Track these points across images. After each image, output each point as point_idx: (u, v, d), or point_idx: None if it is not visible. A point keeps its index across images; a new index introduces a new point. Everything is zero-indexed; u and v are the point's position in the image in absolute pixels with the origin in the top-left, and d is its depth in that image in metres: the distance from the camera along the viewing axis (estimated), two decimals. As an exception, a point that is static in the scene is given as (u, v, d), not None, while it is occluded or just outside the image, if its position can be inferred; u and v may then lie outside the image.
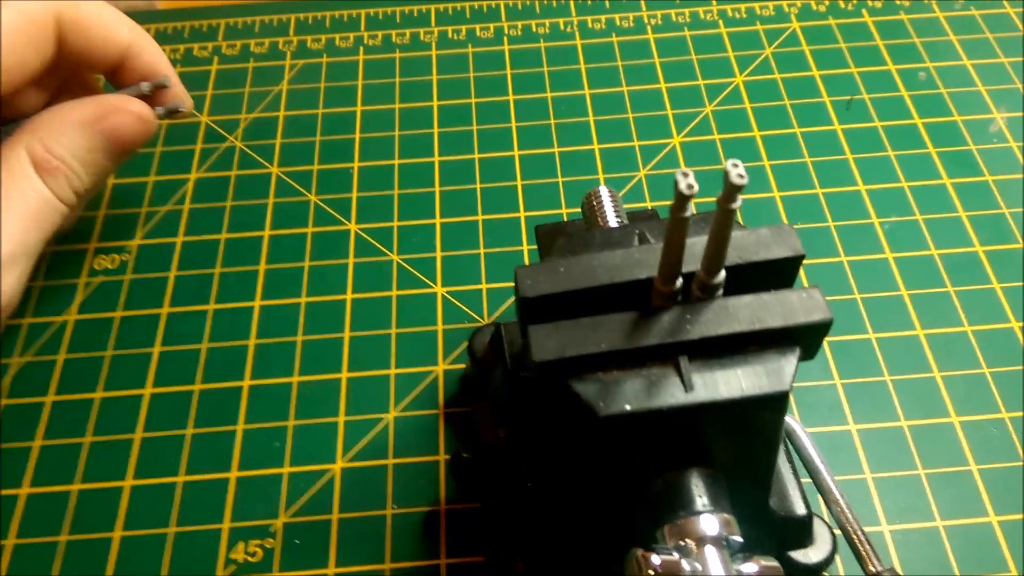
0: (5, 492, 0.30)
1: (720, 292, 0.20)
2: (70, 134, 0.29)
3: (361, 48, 0.45)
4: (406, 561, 0.29)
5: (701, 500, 0.21)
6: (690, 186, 0.17)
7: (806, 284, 0.34)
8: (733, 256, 0.21)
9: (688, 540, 0.20)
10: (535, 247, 0.36)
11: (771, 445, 0.22)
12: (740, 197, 0.18)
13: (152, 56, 0.33)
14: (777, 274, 0.21)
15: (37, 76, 0.31)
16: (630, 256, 0.21)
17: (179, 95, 0.34)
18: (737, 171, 0.17)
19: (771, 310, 0.20)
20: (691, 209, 0.18)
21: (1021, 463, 0.30)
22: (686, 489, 0.21)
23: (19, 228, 0.28)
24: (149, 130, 0.32)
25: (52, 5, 0.30)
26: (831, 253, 0.36)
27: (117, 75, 0.33)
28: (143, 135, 0.31)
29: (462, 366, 0.33)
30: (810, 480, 0.27)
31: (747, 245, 0.21)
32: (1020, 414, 0.31)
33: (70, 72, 0.33)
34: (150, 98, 0.33)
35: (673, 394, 0.19)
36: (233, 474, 0.31)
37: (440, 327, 0.34)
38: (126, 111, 0.31)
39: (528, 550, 0.25)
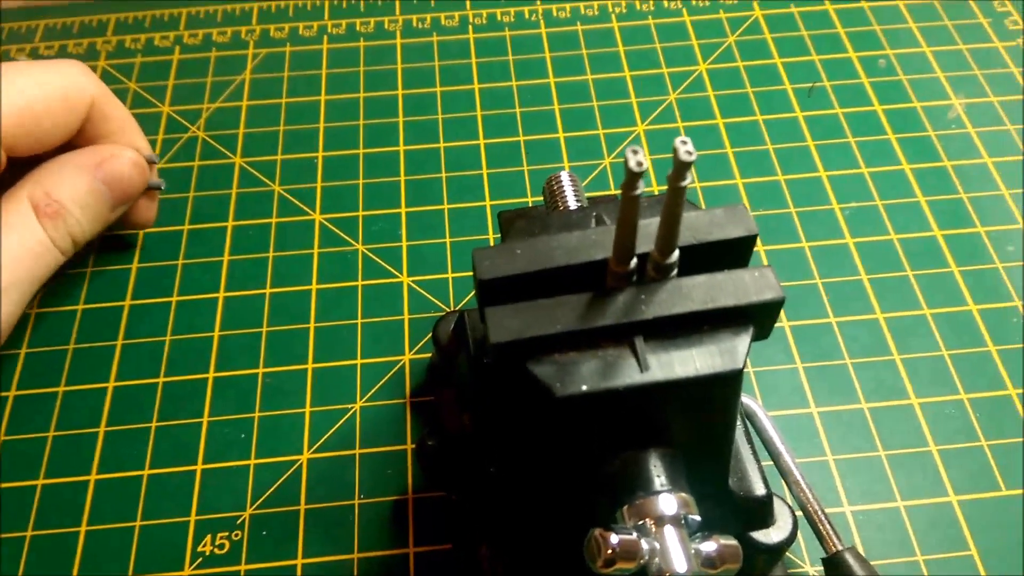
0: (-36, 488, 0.30)
1: (675, 272, 0.20)
2: (71, 180, 0.30)
3: (325, 37, 0.44)
4: (374, 550, 0.29)
5: (659, 480, 0.21)
6: (639, 163, 0.17)
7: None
8: (687, 236, 0.21)
9: (647, 520, 0.20)
10: (500, 236, 0.36)
11: (728, 423, 0.22)
12: (690, 175, 0.18)
13: (138, 138, 0.34)
14: (731, 253, 0.21)
15: (53, 147, 0.31)
16: (586, 237, 0.21)
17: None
18: (685, 148, 0.17)
19: (724, 289, 0.20)
20: (642, 187, 0.18)
21: (980, 443, 0.31)
22: (644, 469, 0.21)
23: (14, 271, 0.28)
24: (144, 177, 0.33)
25: (86, 89, 0.31)
26: (792, 239, 0.36)
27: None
28: (139, 182, 0.33)
29: (428, 355, 0.33)
30: (771, 462, 0.28)
31: (701, 225, 0.21)
32: (978, 395, 0.32)
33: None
34: None
35: (629, 374, 0.20)
36: (199, 467, 0.30)
37: (406, 316, 0.34)
38: (123, 157, 0.32)
39: (492, 535, 0.25)
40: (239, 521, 0.29)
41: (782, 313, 0.34)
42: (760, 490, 0.24)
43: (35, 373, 0.33)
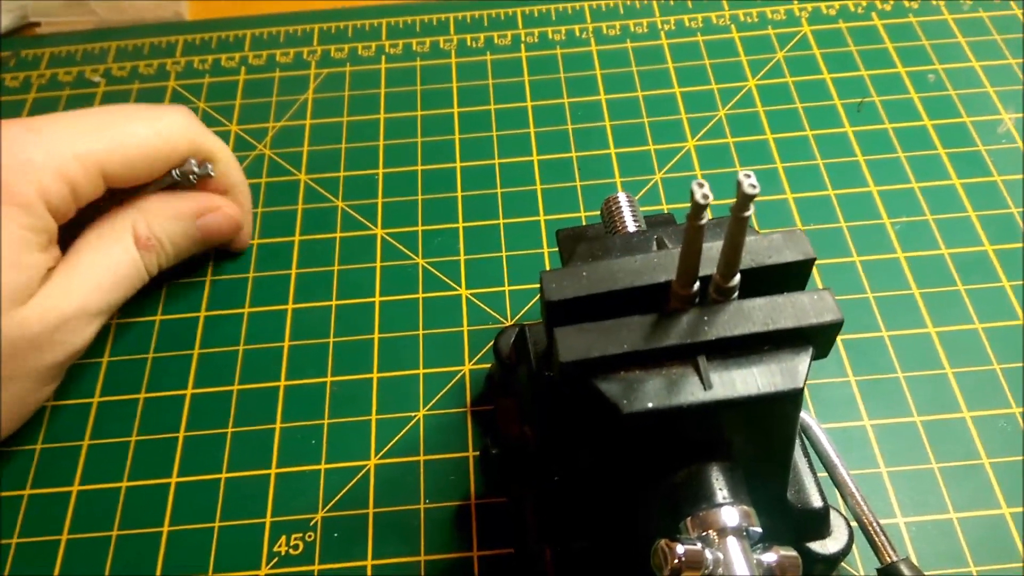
0: (57, 490, 0.32)
1: (735, 295, 0.21)
2: (172, 223, 0.34)
3: (383, 57, 0.46)
4: (440, 553, 0.30)
5: (722, 493, 0.22)
6: (705, 196, 0.18)
7: (819, 283, 0.36)
8: (747, 260, 0.22)
9: (710, 531, 0.21)
10: (555, 250, 0.37)
11: (787, 439, 0.23)
12: (752, 206, 0.19)
13: (234, 174, 0.37)
14: (790, 277, 0.22)
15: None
16: (649, 261, 0.22)
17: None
18: (749, 181, 0.18)
19: (784, 311, 0.21)
20: (707, 217, 0.19)
21: (1031, 455, 0.31)
22: (707, 482, 0.22)
23: (110, 287, 0.32)
24: (236, 229, 0.37)
25: (186, 134, 0.34)
26: (844, 253, 0.37)
27: None
28: (231, 232, 0.36)
29: (487, 365, 0.34)
30: (826, 474, 0.28)
31: (760, 249, 0.22)
32: (1029, 408, 0.32)
33: None
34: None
35: (693, 392, 0.21)
36: (273, 471, 0.32)
37: (465, 328, 0.36)
38: (222, 212, 0.36)
39: (556, 542, 0.26)
40: (312, 523, 0.31)
41: (835, 340, 0.34)
42: (817, 502, 0.25)
43: (117, 381, 0.35)
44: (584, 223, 0.39)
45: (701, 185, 0.19)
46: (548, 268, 0.37)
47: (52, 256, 0.31)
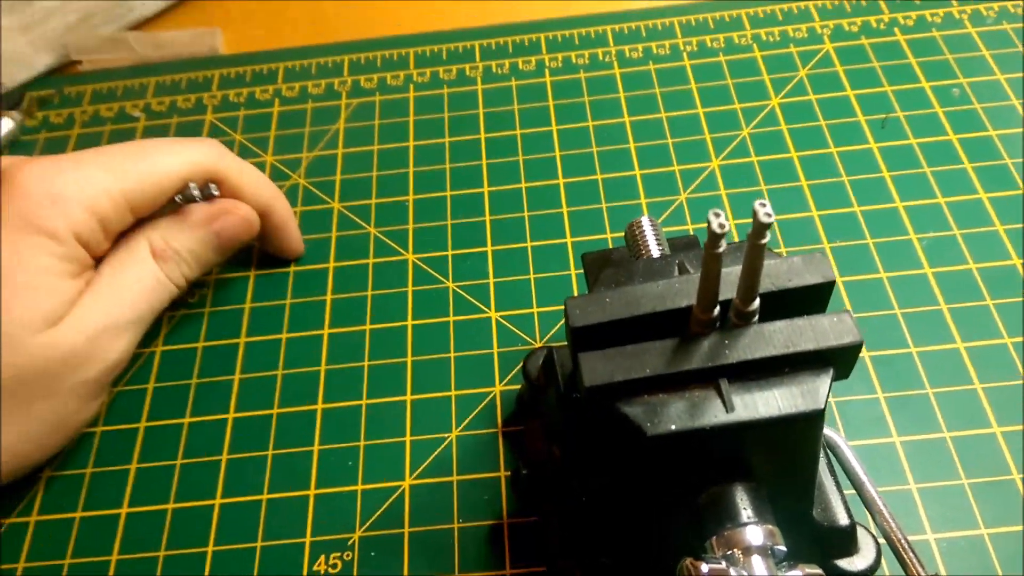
0: (106, 512, 0.33)
1: (756, 318, 0.22)
2: (186, 231, 0.35)
3: (411, 85, 0.47)
4: (473, 571, 0.31)
5: (746, 512, 0.22)
6: (721, 225, 0.19)
7: (846, 300, 0.36)
8: (767, 283, 0.23)
9: (735, 550, 0.22)
10: (582, 271, 0.38)
11: (810, 459, 0.24)
12: (768, 233, 0.19)
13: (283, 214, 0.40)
14: (810, 299, 0.23)
15: None
16: (671, 286, 0.23)
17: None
18: (765, 210, 0.19)
19: (804, 334, 0.22)
20: (723, 245, 0.20)
21: (1064, 470, 0.31)
22: (731, 502, 0.22)
23: (135, 300, 0.33)
24: (253, 230, 0.37)
25: (212, 169, 0.36)
26: (870, 270, 0.37)
27: None
28: (247, 234, 0.37)
29: (517, 387, 0.35)
30: (854, 492, 0.29)
31: (780, 273, 0.23)
32: (1061, 422, 0.32)
33: None
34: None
35: (715, 414, 0.21)
36: (312, 492, 0.33)
37: (496, 350, 0.36)
38: (234, 214, 0.36)
39: (585, 561, 0.27)
40: (350, 542, 0.32)
41: (855, 361, 0.35)
42: (843, 520, 0.25)
43: (162, 406, 0.36)
44: (610, 244, 0.39)
45: (717, 215, 0.19)
46: (575, 289, 0.38)
47: (85, 283, 0.33)
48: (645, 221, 0.30)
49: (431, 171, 0.43)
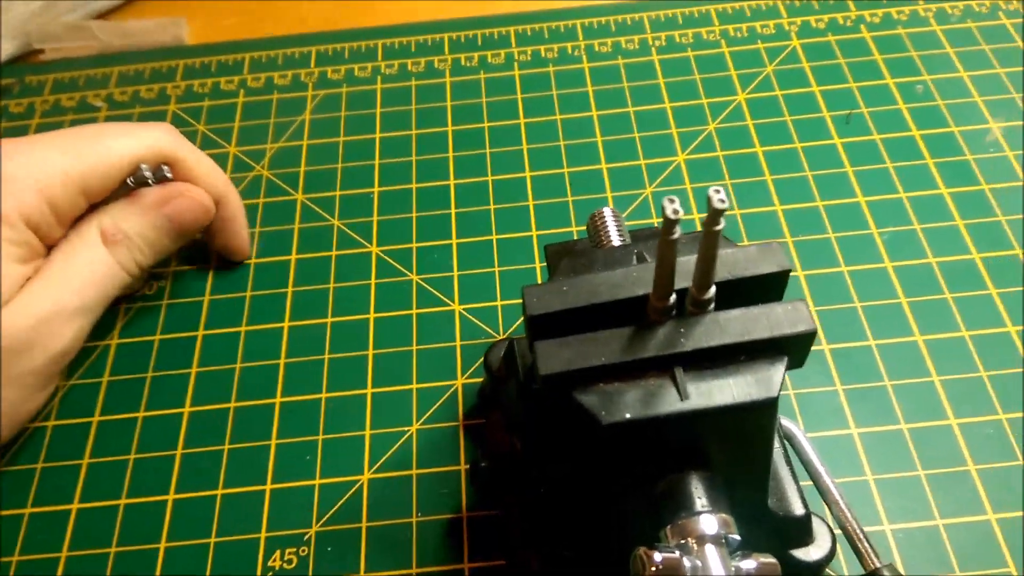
0: (56, 508, 0.33)
1: (712, 307, 0.22)
2: (137, 215, 0.34)
3: (379, 77, 0.47)
4: (432, 566, 0.30)
5: (700, 501, 0.22)
6: (675, 211, 0.19)
7: (807, 293, 0.36)
8: (723, 272, 0.22)
9: (689, 539, 0.22)
10: (546, 265, 0.38)
11: (764, 447, 0.23)
12: (723, 220, 0.19)
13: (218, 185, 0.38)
14: (766, 288, 0.23)
15: None
16: (628, 275, 0.23)
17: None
18: (718, 196, 0.19)
19: (759, 323, 0.22)
20: (678, 231, 0.20)
21: (1018, 463, 0.31)
22: (686, 491, 0.22)
23: (83, 286, 0.32)
24: (208, 214, 0.36)
25: (168, 154, 0.35)
26: (832, 264, 0.37)
27: None
28: (202, 218, 0.36)
29: (479, 380, 0.35)
30: (811, 483, 0.29)
31: (736, 262, 0.23)
32: (1017, 415, 0.33)
33: None
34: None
35: (670, 402, 0.21)
36: (268, 486, 0.33)
37: (458, 343, 0.36)
38: (188, 197, 0.35)
39: (546, 552, 0.27)
40: (306, 537, 0.31)
41: (821, 335, 0.35)
42: (799, 509, 0.25)
43: (117, 400, 0.35)
44: (576, 237, 0.39)
45: (672, 201, 0.19)
46: (539, 282, 0.38)
47: (34, 270, 0.32)
48: (607, 212, 0.29)
49: (397, 163, 0.43)
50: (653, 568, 0.21)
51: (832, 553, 0.26)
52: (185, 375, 0.36)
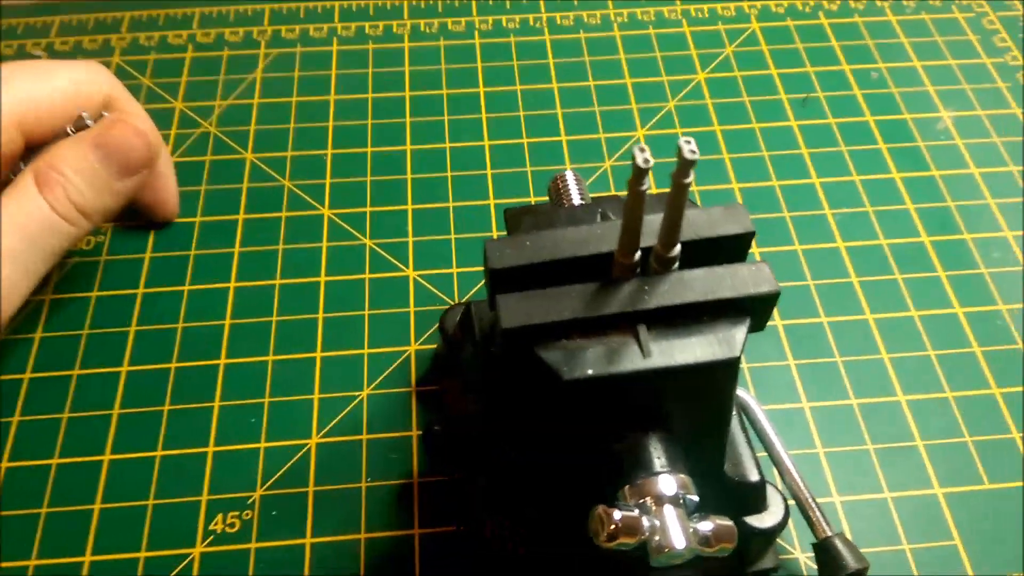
0: (-18, 467, 0.31)
1: (676, 265, 0.22)
2: (70, 150, 0.30)
3: (335, 39, 0.45)
4: (381, 531, 0.30)
5: (659, 461, 0.22)
6: (646, 160, 0.19)
7: (762, 269, 0.36)
8: (688, 232, 0.22)
9: (647, 499, 0.21)
10: (504, 233, 0.37)
11: (724, 409, 0.23)
12: (693, 172, 0.19)
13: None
14: (729, 250, 0.23)
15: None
16: (593, 231, 0.22)
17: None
18: (689, 147, 0.19)
19: (723, 282, 0.21)
20: (648, 182, 0.19)
21: (964, 439, 0.32)
22: (645, 451, 0.22)
23: (9, 235, 0.29)
24: (147, 140, 0.32)
25: (102, 85, 0.33)
26: (786, 242, 0.38)
27: None
28: (142, 146, 0.32)
29: (433, 346, 0.34)
30: (765, 453, 0.29)
31: (701, 222, 0.22)
32: (963, 393, 0.33)
33: None
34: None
35: (632, 360, 0.21)
36: (211, 449, 0.31)
37: (412, 308, 0.35)
38: (123, 123, 0.32)
39: (498, 513, 0.26)
40: (250, 501, 0.30)
41: (776, 312, 0.35)
42: (754, 476, 0.25)
43: (50, 357, 0.34)
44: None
45: (643, 149, 0.19)
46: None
47: None
48: (569, 175, 0.29)
49: (352, 126, 0.42)
50: (612, 527, 0.20)
51: (785, 521, 0.26)
52: (123, 333, 0.34)
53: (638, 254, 0.21)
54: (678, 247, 0.21)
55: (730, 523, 0.22)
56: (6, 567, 0.29)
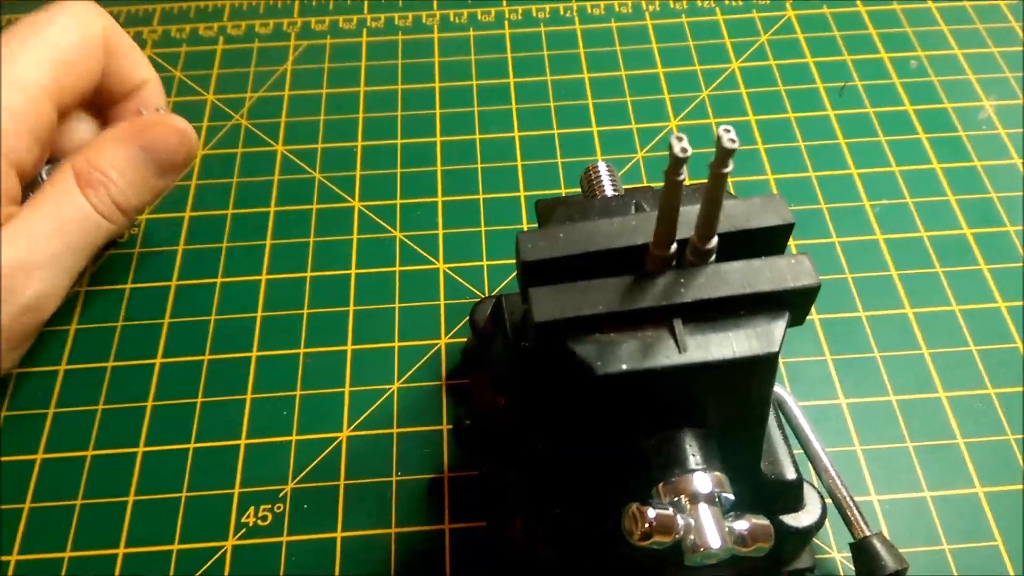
0: (21, 458, 0.31)
1: (713, 258, 0.21)
2: (112, 148, 0.31)
3: (364, 30, 0.45)
4: (411, 526, 0.30)
5: (695, 459, 0.21)
6: (684, 149, 0.18)
7: (798, 262, 0.35)
8: (726, 224, 0.22)
9: (682, 496, 0.21)
10: (535, 225, 0.37)
11: (761, 406, 0.23)
12: (731, 162, 0.18)
13: (157, 94, 0.35)
14: (768, 242, 0.22)
15: (87, 96, 0.32)
16: (627, 223, 0.22)
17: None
18: (729, 136, 0.18)
19: (761, 275, 0.21)
20: (685, 172, 0.19)
21: (1006, 437, 0.31)
22: (680, 448, 0.22)
23: (50, 237, 0.29)
24: (189, 143, 0.32)
25: (101, 25, 0.32)
26: (823, 234, 0.37)
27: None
28: (184, 148, 0.32)
29: (463, 339, 0.34)
30: (801, 450, 0.28)
31: (739, 213, 0.22)
32: (1005, 390, 0.32)
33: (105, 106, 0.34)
34: None
35: (667, 355, 0.20)
36: (243, 441, 0.31)
37: (442, 302, 0.35)
38: (165, 124, 0.32)
39: (527, 509, 0.26)
40: (281, 494, 0.30)
41: (813, 306, 0.34)
42: (791, 474, 0.25)
43: (85, 349, 0.34)
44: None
45: (680, 139, 0.18)
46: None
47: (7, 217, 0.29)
48: (602, 165, 0.29)
49: (382, 118, 0.41)
50: (646, 525, 0.20)
51: (822, 520, 0.25)
52: (157, 326, 0.34)
53: (674, 246, 0.21)
54: (715, 239, 0.21)
55: (766, 522, 0.22)
56: (41, 558, 0.29)
